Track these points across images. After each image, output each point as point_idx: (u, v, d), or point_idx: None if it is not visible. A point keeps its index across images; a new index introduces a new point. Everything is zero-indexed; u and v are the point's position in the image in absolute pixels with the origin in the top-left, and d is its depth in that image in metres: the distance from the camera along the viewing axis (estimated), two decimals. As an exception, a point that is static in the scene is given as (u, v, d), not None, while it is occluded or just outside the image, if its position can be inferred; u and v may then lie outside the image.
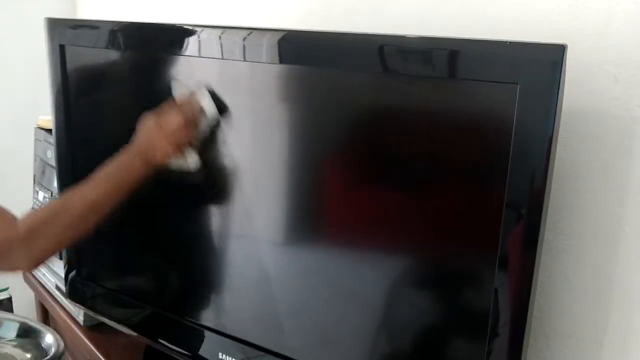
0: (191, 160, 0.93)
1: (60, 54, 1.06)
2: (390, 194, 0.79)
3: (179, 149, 0.91)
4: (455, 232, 0.75)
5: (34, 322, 1.23)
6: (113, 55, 1.04)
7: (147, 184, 0.91)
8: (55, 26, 1.08)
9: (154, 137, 0.90)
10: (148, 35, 1.00)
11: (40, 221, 0.84)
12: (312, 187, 0.88)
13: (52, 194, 1.38)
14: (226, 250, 1.00)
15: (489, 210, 0.69)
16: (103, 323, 1.22)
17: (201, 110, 0.91)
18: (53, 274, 1.40)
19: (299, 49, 0.82)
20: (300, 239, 0.93)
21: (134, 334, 1.14)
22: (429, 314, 0.79)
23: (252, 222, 0.94)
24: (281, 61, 0.82)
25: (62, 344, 1.12)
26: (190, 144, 0.92)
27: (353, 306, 0.85)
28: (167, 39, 0.96)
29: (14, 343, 1.14)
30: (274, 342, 0.94)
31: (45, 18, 1.08)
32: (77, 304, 1.24)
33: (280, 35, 0.81)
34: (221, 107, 0.91)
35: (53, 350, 1.11)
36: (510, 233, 0.67)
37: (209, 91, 0.91)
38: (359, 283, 0.84)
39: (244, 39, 0.85)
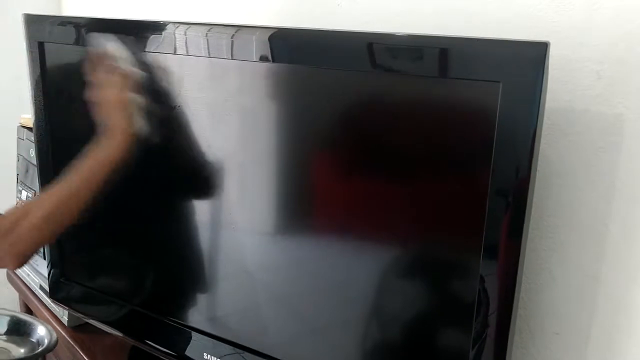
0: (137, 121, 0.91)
1: (39, 51, 1.05)
2: (376, 189, 0.79)
3: (122, 107, 0.89)
4: (439, 231, 0.74)
5: (24, 315, 1.22)
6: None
7: (130, 181, 0.90)
8: (34, 23, 1.06)
9: (102, 112, 0.90)
10: (127, 33, 0.98)
11: (19, 216, 0.84)
12: (298, 183, 0.88)
13: (35, 193, 1.36)
14: (211, 250, 0.99)
15: (473, 210, 0.68)
16: (87, 323, 1.22)
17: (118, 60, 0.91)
18: (37, 273, 1.38)
19: (286, 47, 0.81)
20: (285, 238, 0.92)
21: (119, 334, 1.13)
22: (415, 305, 0.79)
23: (239, 220, 0.94)
24: (268, 59, 0.81)
25: (54, 335, 1.11)
26: (132, 101, 0.90)
27: (338, 298, 0.85)
28: (148, 36, 0.94)
29: (5, 337, 1.14)
30: (259, 341, 0.94)
31: (23, 14, 1.06)
32: (60, 304, 1.23)
33: (268, 32, 0.80)
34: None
35: (46, 342, 1.10)
36: (494, 229, 0.67)
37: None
38: (344, 274, 0.84)
39: (231, 36, 0.84)
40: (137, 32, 0.96)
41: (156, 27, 0.93)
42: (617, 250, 0.76)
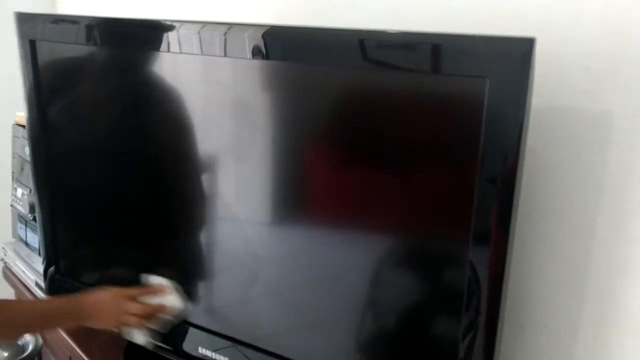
0: (141, 338, 0.98)
1: (30, 50, 1.05)
2: (370, 179, 0.80)
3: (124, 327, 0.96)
4: (429, 223, 0.75)
5: None
6: (86, 51, 1.03)
7: (125, 176, 0.90)
8: (25, 21, 1.06)
9: (107, 305, 0.93)
10: (121, 31, 0.98)
11: None
12: (291, 177, 0.88)
13: (30, 190, 1.37)
14: (207, 244, 1.00)
15: (462, 202, 0.69)
16: (84, 320, 1.22)
17: (166, 307, 0.96)
18: (32, 270, 1.39)
19: (279, 44, 0.81)
20: (280, 231, 0.93)
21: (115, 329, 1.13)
22: (406, 296, 0.80)
23: (235, 214, 0.94)
24: (262, 56, 0.81)
25: (40, 340, 1.11)
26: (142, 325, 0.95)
27: (331, 290, 0.86)
28: (142, 35, 0.95)
29: (-12, 342, 1.14)
30: (253, 335, 0.95)
31: (15, 12, 1.06)
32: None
33: (261, 30, 0.80)
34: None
35: (31, 347, 1.10)
36: (482, 221, 0.68)
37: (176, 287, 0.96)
38: (337, 266, 0.85)
39: (224, 34, 0.84)
40: (130, 30, 0.96)
41: (150, 26, 0.93)
42: (605, 244, 0.77)
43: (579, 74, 0.76)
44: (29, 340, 1.11)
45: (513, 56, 0.61)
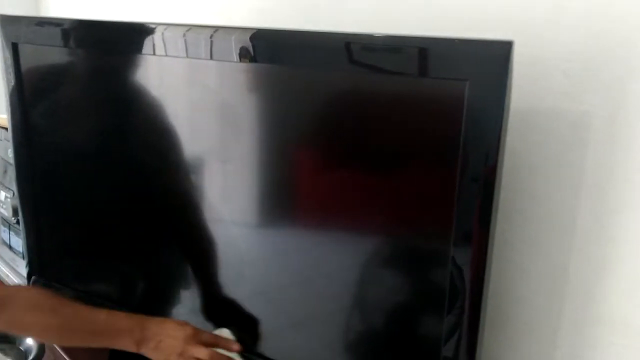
0: None
1: (13, 52, 1.04)
2: (354, 180, 0.81)
3: None
4: (411, 223, 0.76)
5: None
6: (70, 53, 1.02)
7: (111, 180, 0.90)
8: (8, 23, 1.05)
9: (174, 341, 0.85)
10: (105, 34, 0.98)
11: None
12: (278, 179, 0.89)
13: (13, 193, 1.35)
14: (193, 248, 1.00)
15: (443, 202, 0.70)
16: (68, 323, 1.21)
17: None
18: (16, 274, 1.38)
19: (265, 47, 0.81)
20: (267, 233, 0.93)
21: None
22: (390, 295, 0.81)
23: (222, 217, 0.95)
24: (249, 59, 0.81)
25: (43, 345, 1.10)
26: None
27: (317, 291, 0.87)
28: (126, 37, 0.95)
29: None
30: (238, 337, 0.95)
31: (-4, 15, 1.06)
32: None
33: (248, 33, 0.81)
34: None
35: (34, 352, 1.10)
36: (463, 220, 0.69)
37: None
38: (323, 267, 0.85)
39: (210, 36, 0.84)
40: (115, 33, 0.96)
41: (135, 28, 0.93)
42: (585, 242, 0.79)
43: (558, 75, 0.77)
44: (31, 345, 1.11)
45: (492, 59, 0.62)
